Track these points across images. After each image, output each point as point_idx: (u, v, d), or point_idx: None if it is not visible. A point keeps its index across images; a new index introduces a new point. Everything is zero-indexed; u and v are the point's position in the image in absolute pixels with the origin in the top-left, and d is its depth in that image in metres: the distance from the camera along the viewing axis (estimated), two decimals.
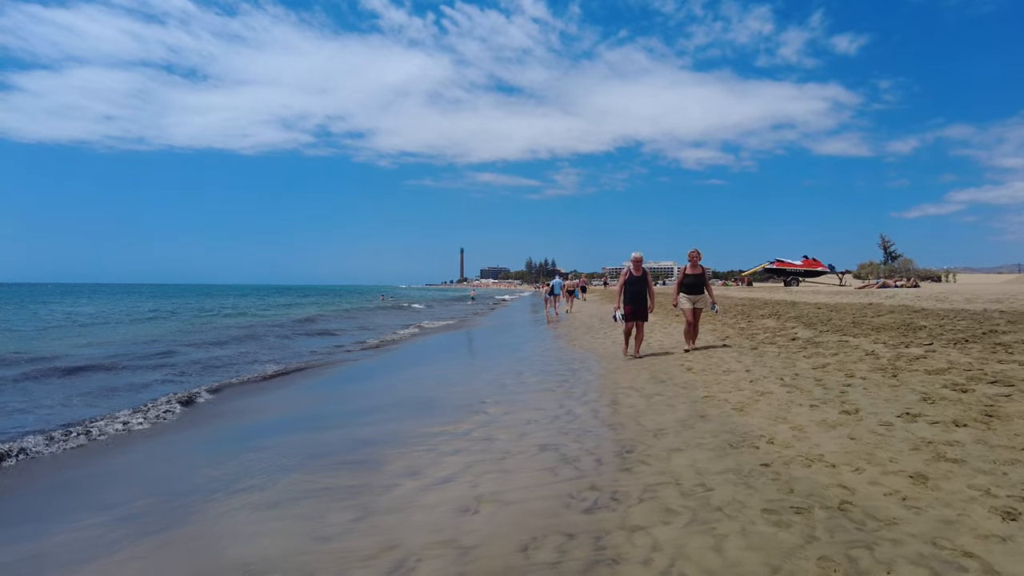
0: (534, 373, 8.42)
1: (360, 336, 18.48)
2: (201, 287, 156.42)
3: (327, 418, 6.51)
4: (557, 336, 14.34)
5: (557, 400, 6.36)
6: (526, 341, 13.95)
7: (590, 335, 13.70)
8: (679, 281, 9.15)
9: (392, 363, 12.03)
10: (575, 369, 8.53)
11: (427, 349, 14.63)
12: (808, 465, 3.64)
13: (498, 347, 13.94)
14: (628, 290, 8.95)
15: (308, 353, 13.73)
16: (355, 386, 8.90)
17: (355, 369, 11.22)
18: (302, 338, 17.92)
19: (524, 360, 10.12)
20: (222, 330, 20.51)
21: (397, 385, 8.54)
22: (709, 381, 6.59)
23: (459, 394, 7.18)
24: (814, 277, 39.36)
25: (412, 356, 13.17)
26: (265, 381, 9.67)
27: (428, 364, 11.24)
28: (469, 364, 10.94)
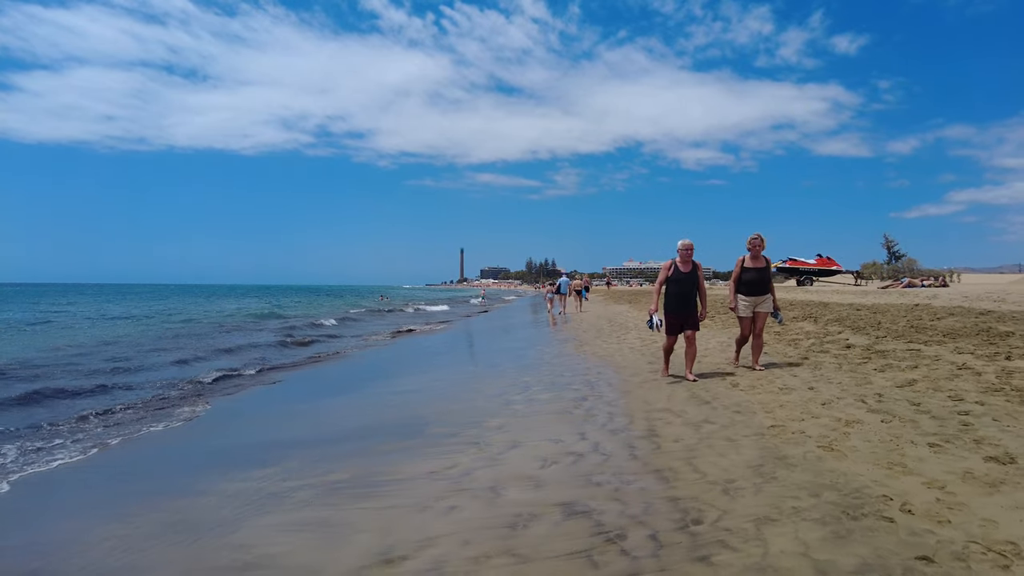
0: (544, 387, 7.08)
1: (330, 342, 17.13)
2: (201, 287, 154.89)
3: (249, 449, 5.17)
4: (564, 340, 13.01)
5: (576, 427, 5.03)
6: (531, 345, 12.62)
7: (601, 339, 12.37)
8: (736, 277, 7.03)
9: (378, 369, 10.68)
10: (592, 382, 7.19)
11: (421, 353, 13.28)
12: (1005, 566, 2.30)
13: (501, 352, 12.60)
14: (671, 290, 6.69)
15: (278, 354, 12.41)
16: (318, 405, 7.55)
17: (327, 374, 9.88)
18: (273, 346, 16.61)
19: (530, 369, 8.79)
20: (171, 338, 19.16)
21: (379, 400, 7.20)
22: (767, 402, 5.25)
23: (454, 415, 5.84)
24: (828, 277, 37.98)
25: (404, 362, 11.83)
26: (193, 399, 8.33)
27: (420, 372, 9.89)
28: (468, 374, 9.61)
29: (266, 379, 9.57)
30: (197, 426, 6.31)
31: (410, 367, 10.87)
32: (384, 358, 12.69)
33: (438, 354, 13.25)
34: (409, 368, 10.71)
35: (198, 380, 9.13)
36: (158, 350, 13.68)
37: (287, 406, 7.42)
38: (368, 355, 13.10)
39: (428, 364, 11.22)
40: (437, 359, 12.13)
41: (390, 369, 10.94)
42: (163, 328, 21.08)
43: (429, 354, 13.25)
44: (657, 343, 10.61)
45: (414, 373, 9.79)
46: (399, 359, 12.51)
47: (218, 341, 15.77)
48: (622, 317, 18.23)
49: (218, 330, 19.98)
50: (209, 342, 15.50)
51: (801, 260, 37.90)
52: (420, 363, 11.52)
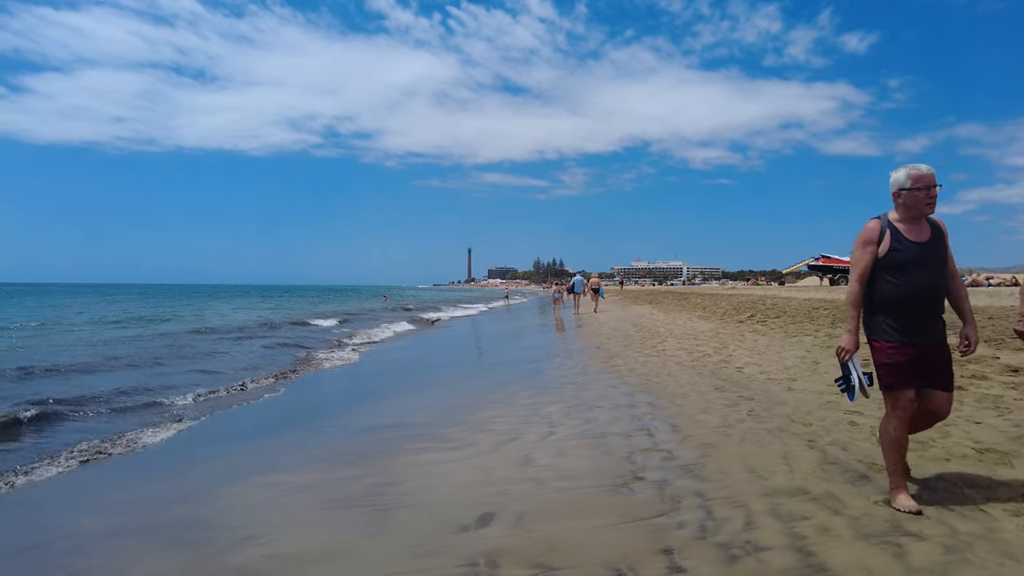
0: (578, 434, 4.78)
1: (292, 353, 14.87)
2: (210, 287, 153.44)
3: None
4: (586, 350, 10.72)
5: (650, 538, 2.73)
6: (547, 355, 10.34)
7: (632, 349, 10.08)
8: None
9: (345, 396, 8.42)
10: (643, 423, 4.89)
11: (412, 368, 11.03)
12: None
13: (510, 365, 10.31)
14: (899, 285, 2.84)
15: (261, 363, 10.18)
16: (222, 463, 5.28)
17: (273, 406, 7.66)
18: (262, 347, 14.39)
19: (549, 392, 6.51)
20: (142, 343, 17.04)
21: (326, 455, 4.92)
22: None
23: (443, 498, 3.55)
24: None
25: (385, 381, 9.56)
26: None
27: (400, 395, 7.63)
28: (463, 401, 7.34)
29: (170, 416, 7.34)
30: None
31: (397, 387, 8.61)
32: (364, 374, 10.43)
33: (438, 366, 11.00)
34: (394, 389, 8.45)
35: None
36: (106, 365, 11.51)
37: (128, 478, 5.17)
38: (344, 372, 10.85)
39: (421, 382, 8.97)
40: (433, 374, 9.87)
41: (365, 391, 8.68)
42: (140, 336, 18.99)
43: (426, 367, 11.00)
44: (712, 356, 8.30)
45: (398, 395, 7.53)
46: (387, 373, 10.26)
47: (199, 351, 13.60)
48: (648, 320, 15.90)
49: (199, 338, 17.85)
50: (183, 353, 13.33)
51: (835, 257, 35.14)
52: (413, 381, 9.27)
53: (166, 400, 7.30)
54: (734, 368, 7.24)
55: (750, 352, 8.35)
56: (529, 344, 14.15)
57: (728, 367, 7.35)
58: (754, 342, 9.37)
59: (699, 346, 9.62)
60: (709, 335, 11.01)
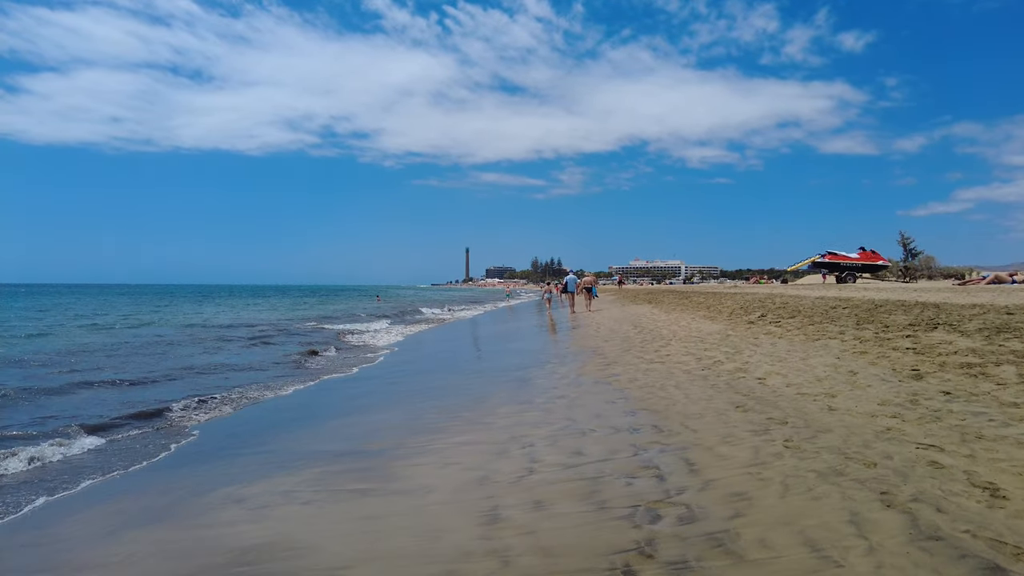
0: (565, 473, 3.67)
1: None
2: (204, 288, 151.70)
3: None
4: (580, 354, 9.62)
5: None
6: (537, 362, 9.23)
7: (632, 354, 8.98)
8: None
9: (301, 412, 7.30)
10: (656, 461, 3.79)
11: (386, 377, 9.92)
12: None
13: (493, 373, 9.19)
14: None
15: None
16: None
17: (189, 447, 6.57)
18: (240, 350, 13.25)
19: (537, 412, 5.41)
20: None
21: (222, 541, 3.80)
22: None
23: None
24: (873, 272, 34.14)
25: (355, 391, 8.44)
26: None
27: (365, 412, 6.51)
28: (438, 422, 6.21)
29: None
30: None
31: (364, 401, 7.49)
32: (333, 385, 9.31)
33: (415, 373, 9.89)
34: (360, 403, 7.33)
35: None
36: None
37: None
38: (307, 393, 9.73)
39: (393, 394, 7.85)
40: (407, 383, 8.75)
41: (327, 405, 7.57)
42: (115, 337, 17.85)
43: (401, 375, 9.89)
44: (725, 364, 7.19)
45: (363, 411, 6.41)
46: (358, 382, 9.14)
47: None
48: (649, 321, 14.79)
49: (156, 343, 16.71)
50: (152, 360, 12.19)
51: (842, 254, 33.93)
52: (384, 393, 8.16)
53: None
54: (754, 379, 6.14)
55: (769, 358, 7.25)
56: (521, 347, 13.06)
57: (747, 377, 6.26)
58: (771, 346, 8.26)
59: (708, 351, 8.53)
60: (718, 338, 9.92)
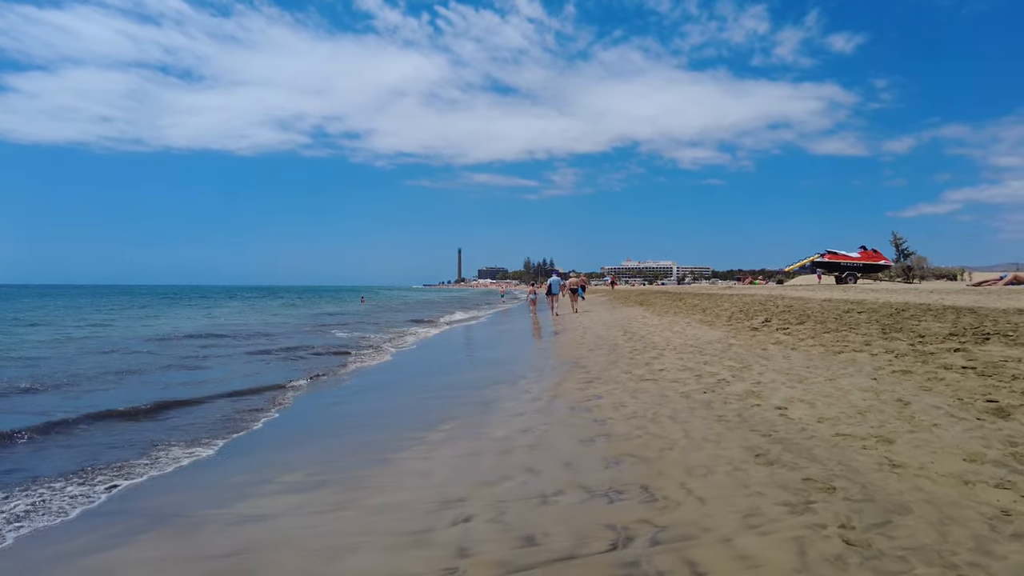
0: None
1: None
2: (193, 288, 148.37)
3: None
4: (559, 369, 8.22)
5: None
6: (512, 375, 7.81)
7: (619, 368, 7.60)
8: None
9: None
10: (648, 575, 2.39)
11: (320, 396, 8.44)
12: None
13: (456, 392, 7.75)
14: None
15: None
16: None
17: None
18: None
19: (484, 460, 3.99)
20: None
21: None
22: None
23: None
24: (874, 272, 32.94)
25: (271, 418, 6.94)
26: None
27: (262, 450, 5.04)
28: (347, 474, 4.76)
29: None
30: None
31: (271, 433, 6.02)
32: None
33: (358, 389, 8.40)
34: (262, 440, 5.86)
35: None
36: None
37: None
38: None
39: (315, 422, 6.39)
40: (341, 407, 7.28)
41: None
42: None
43: (343, 393, 8.40)
44: (732, 384, 5.80)
45: (260, 448, 4.94)
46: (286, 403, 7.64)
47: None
48: (640, 326, 13.40)
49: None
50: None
51: (842, 253, 32.64)
52: (306, 420, 6.69)
53: None
54: (772, 408, 4.75)
55: (785, 377, 5.87)
56: (495, 356, 11.64)
57: (762, 405, 4.87)
58: (785, 360, 6.89)
59: (708, 365, 7.15)
60: (719, 348, 8.55)
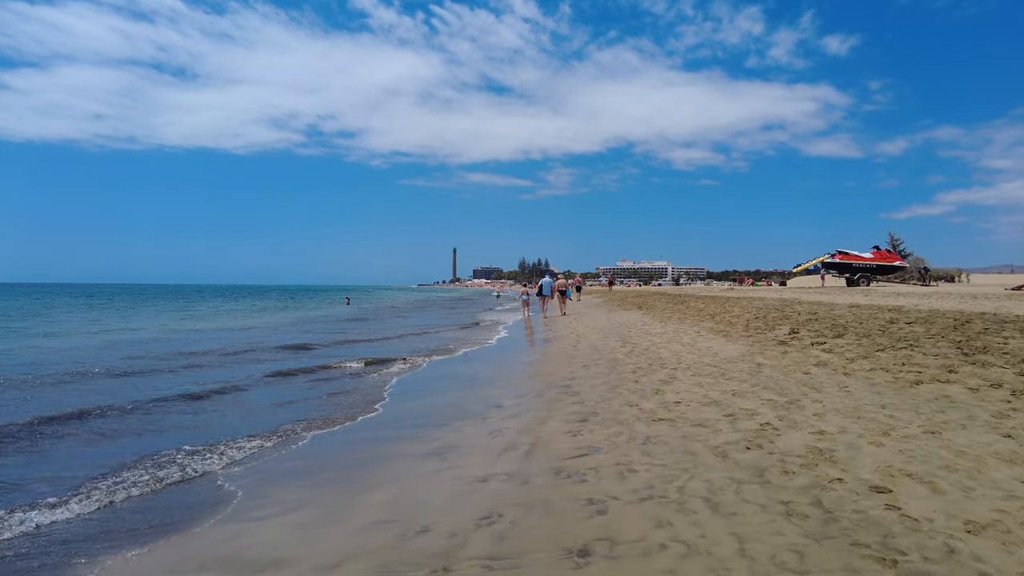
0: None
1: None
2: (189, 288, 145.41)
3: None
4: (546, 391, 6.46)
5: None
6: (485, 404, 6.06)
7: (619, 397, 5.87)
8: None
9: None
10: None
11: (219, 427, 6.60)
12: None
13: (405, 433, 5.95)
14: None
15: None
16: None
17: None
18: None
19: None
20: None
21: None
22: None
23: None
24: (888, 274, 31.22)
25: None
26: None
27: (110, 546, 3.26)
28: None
29: None
30: None
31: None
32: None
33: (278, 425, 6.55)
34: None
35: None
36: None
37: None
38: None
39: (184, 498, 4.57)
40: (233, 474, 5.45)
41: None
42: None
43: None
44: (783, 433, 4.02)
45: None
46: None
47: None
48: (641, 334, 11.63)
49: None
50: None
51: (854, 254, 30.86)
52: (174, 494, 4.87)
53: None
54: (868, 493, 3.00)
55: (859, 424, 4.13)
56: (472, 372, 9.83)
57: (849, 485, 3.10)
58: (844, 393, 5.15)
59: (738, 395, 5.40)
60: (745, 368, 6.82)
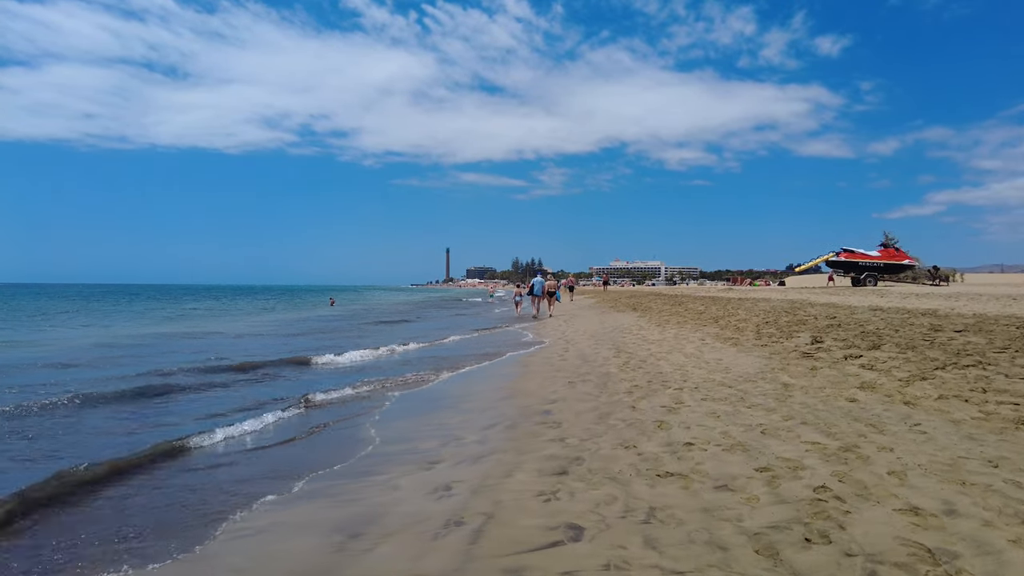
0: None
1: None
2: (178, 288, 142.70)
3: None
4: (522, 416, 5.05)
5: None
6: (447, 440, 4.66)
7: (610, 431, 4.47)
8: None
9: None
10: None
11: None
12: None
13: (328, 483, 4.52)
14: None
15: None
16: None
17: None
18: None
19: None
20: None
21: None
22: None
23: None
24: (896, 273, 29.94)
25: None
26: None
27: None
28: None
29: None
30: None
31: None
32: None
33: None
34: None
35: None
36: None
37: None
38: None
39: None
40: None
41: None
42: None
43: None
44: (854, 511, 2.61)
45: None
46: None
47: None
48: (637, 341, 10.23)
49: None
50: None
51: (860, 252, 29.64)
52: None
53: None
54: None
55: (978, 500, 2.77)
56: (425, 392, 8.37)
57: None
58: (918, 437, 3.79)
59: (768, 433, 4.03)
60: (769, 390, 5.44)
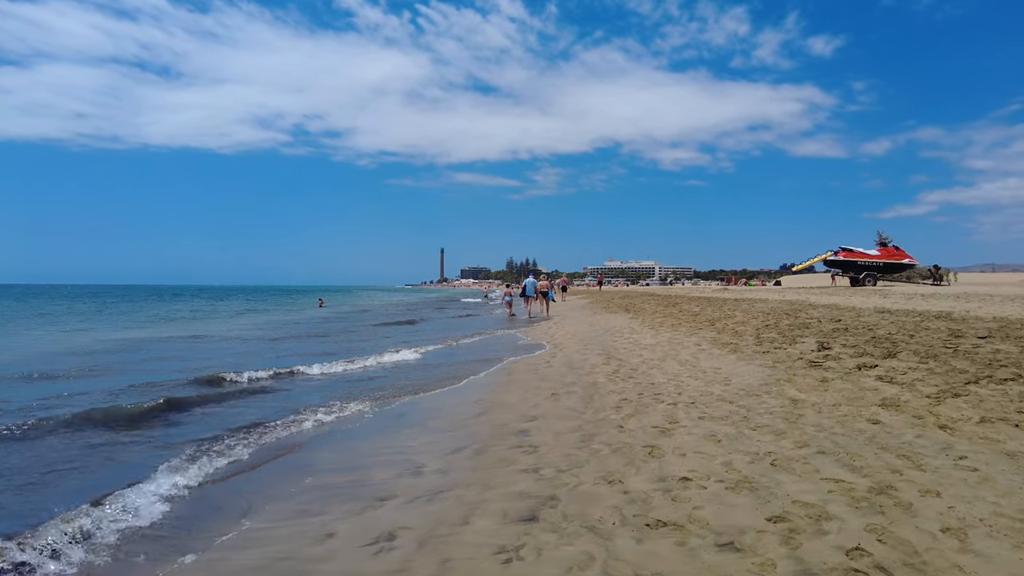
0: None
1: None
2: (168, 288, 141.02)
3: None
4: (492, 439, 4.32)
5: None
6: (402, 478, 3.93)
7: (594, 455, 3.72)
8: None
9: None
10: None
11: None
12: None
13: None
14: None
15: None
16: None
17: None
18: None
19: None
20: None
21: None
22: None
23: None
24: (896, 273, 29.31)
25: None
26: None
27: None
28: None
29: None
30: None
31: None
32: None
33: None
34: None
35: None
36: None
37: None
38: None
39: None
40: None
41: None
42: None
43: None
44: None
45: None
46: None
47: None
48: (629, 347, 9.50)
49: None
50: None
51: (859, 251, 29.03)
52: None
53: None
54: None
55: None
56: (401, 411, 7.55)
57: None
58: (968, 476, 3.10)
59: (782, 470, 3.32)
60: (776, 407, 4.72)
